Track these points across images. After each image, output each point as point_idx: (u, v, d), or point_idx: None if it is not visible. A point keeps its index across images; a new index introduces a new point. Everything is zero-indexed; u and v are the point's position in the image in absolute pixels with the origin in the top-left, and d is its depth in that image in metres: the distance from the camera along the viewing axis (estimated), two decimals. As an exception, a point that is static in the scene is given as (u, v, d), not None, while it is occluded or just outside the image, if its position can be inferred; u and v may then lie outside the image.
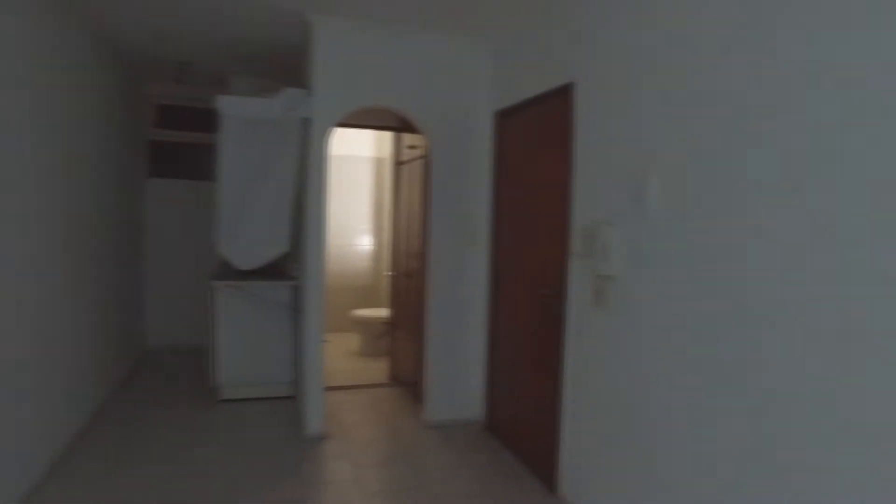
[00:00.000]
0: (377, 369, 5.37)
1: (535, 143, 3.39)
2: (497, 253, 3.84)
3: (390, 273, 5.22)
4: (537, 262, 3.31)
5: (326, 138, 3.65)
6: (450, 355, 4.02)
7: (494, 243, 3.87)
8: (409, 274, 4.49)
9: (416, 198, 4.34)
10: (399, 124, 4.77)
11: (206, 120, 5.74)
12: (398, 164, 4.85)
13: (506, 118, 3.74)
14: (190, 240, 5.83)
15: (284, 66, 4.73)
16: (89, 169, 3.89)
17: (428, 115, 3.86)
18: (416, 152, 4.34)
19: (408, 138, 4.65)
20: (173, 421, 3.93)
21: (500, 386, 3.80)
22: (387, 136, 6.59)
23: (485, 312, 3.97)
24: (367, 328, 5.74)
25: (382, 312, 5.75)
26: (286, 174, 3.87)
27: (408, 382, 4.57)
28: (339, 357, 5.75)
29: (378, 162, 7.03)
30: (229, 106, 3.72)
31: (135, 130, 5.32)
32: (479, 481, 3.22)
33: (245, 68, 4.83)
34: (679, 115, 2.19)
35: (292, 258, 4.39)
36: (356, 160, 6.94)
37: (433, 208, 3.93)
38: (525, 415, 3.42)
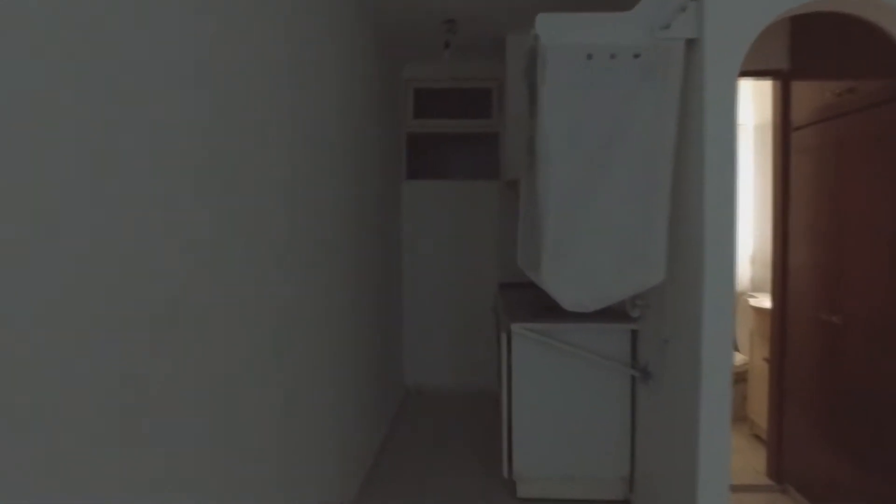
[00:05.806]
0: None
1: None
2: None
3: (751, 298, 3.37)
4: None
5: (733, 77, 1.99)
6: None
7: None
8: (832, 309, 2.58)
9: (848, 178, 2.45)
10: (788, 66, 2.92)
11: (469, 103, 4.62)
12: (788, 130, 2.97)
13: None
14: (446, 257, 4.69)
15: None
16: (368, 187, 3.02)
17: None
18: (840, 106, 2.46)
19: (807, 89, 2.79)
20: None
21: None
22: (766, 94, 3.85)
23: None
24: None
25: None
26: (659, 144, 2.13)
27: (820, 489, 2.67)
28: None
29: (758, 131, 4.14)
30: (555, 32, 2.14)
31: (395, 123, 4.32)
32: None
33: (520, 21, 3.46)
34: None
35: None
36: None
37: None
38: None
